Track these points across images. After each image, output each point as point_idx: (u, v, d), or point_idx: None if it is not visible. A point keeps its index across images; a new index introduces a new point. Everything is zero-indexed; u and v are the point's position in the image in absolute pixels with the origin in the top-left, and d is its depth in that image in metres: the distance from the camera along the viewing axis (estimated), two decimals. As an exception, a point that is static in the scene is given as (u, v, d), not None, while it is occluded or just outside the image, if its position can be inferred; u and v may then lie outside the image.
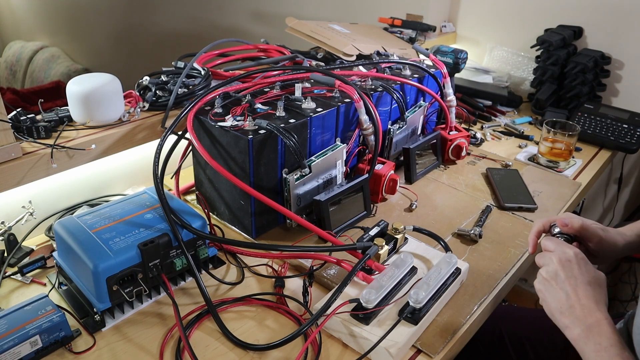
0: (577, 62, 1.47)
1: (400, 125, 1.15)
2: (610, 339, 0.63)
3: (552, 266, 0.71)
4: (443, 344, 0.74)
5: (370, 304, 0.73)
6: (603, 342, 0.63)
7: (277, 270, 0.87)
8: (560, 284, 0.69)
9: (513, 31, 1.70)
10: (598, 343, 0.63)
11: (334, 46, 1.30)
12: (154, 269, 0.77)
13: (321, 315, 0.72)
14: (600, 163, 1.31)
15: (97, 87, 0.94)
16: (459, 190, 1.14)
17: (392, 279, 0.77)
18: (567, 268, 0.69)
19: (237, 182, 0.84)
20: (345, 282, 0.76)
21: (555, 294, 0.69)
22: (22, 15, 3.85)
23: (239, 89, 1.02)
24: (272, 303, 0.81)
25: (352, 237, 0.94)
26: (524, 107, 1.64)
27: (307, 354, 0.72)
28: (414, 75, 1.21)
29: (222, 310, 0.79)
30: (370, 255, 0.80)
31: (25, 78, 3.65)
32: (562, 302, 0.68)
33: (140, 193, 0.89)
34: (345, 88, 0.99)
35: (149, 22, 2.85)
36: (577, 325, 0.65)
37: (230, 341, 0.73)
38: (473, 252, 0.93)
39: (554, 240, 0.75)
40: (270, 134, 0.88)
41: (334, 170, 1.01)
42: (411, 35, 1.66)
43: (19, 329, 0.67)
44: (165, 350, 0.72)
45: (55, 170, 0.90)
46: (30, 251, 0.90)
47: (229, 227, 0.99)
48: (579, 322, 0.65)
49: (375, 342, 0.69)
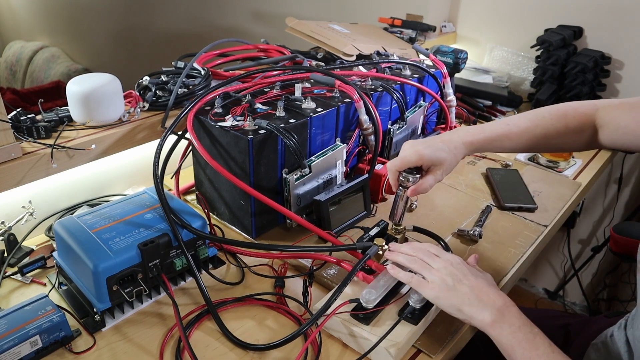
0: (577, 62, 1.47)
1: (400, 125, 1.15)
2: (521, 318, 0.67)
3: (445, 270, 0.72)
4: (443, 344, 0.74)
5: (370, 304, 0.73)
6: (516, 323, 0.66)
7: (277, 270, 0.87)
8: (459, 282, 0.70)
9: (513, 31, 1.70)
10: (512, 324, 0.66)
11: (334, 46, 1.30)
12: (154, 269, 0.77)
13: (321, 315, 0.72)
14: (600, 163, 1.31)
15: (97, 87, 0.94)
16: (459, 190, 1.14)
17: (392, 279, 0.77)
18: (459, 268, 0.73)
19: (237, 182, 0.84)
20: (345, 282, 0.76)
21: (458, 292, 0.70)
22: (22, 15, 3.85)
23: (239, 89, 1.02)
24: (272, 303, 0.81)
25: (352, 237, 0.94)
26: (524, 107, 1.63)
27: (307, 354, 0.72)
28: (414, 75, 1.21)
29: (222, 310, 0.79)
30: (371, 256, 0.80)
31: (25, 78, 3.64)
32: (467, 295, 0.69)
33: (140, 193, 0.89)
34: (345, 88, 0.99)
35: (149, 22, 2.85)
36: (487, 311, 0.67)
37: (230, 341, 0.73)
38: (473, 252, 0.93)
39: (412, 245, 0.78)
40: (270, 134, 0.88)
41: (334, 170, 1.01)
42: (411, 35, 1.66)
43: (19, 329, 0.67)
44: (165, 350, 0.72)
45: (55, 170, 0.90)
46: (30, 251, 0.90)
47: (229, 227, 0.99)
48: (489, 308, 0.68)
49: (375, 342, 0.69)
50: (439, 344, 0.74)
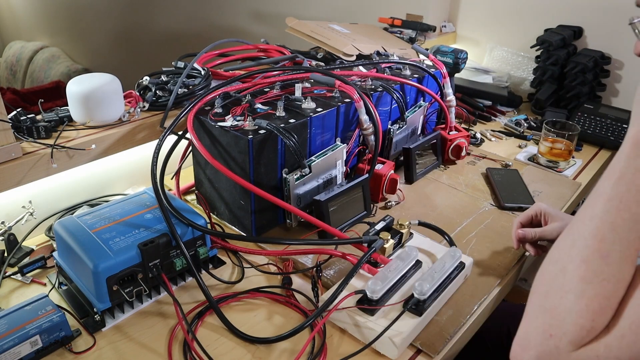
0: (577, 62, 1.47)
1: (400, 125, 1.15)
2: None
3: None
4: (443, 344, 0.74)
5: (376, 295, 0.73)
6: None
7: (281, 268, 0.87)
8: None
9: (513, 31, 1.70)
10: None
11: (334, 46, 1.30)
12: (154, 269, 0.77)
13: (328, 306, 0.73)
14: (600, 163, 1.31)
15: (97, 87, 0.94)
16: (459, 190, 1.14)
17: (396, 271, 0.78)
18: None
19: (237, 179, 0.84)
20: (352, 274, 0.77)
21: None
22: (22, 15, 3.85)
23: (239, 89, 1.02)
24: (281, 297, 0.81)
25: (358, 232, 0.95)
26: (524, 107, 1.64)
27: (314, 344, 0.72)
28: (414, 76, 1.21)
29: (224, 304, 0.79)
30: (376, 248, 0.81)
31: (26, 78, 3.65)
32: None
33: (140, 193, 0.89)
34: (345, 88, 0.99)
35: (149, 22, 2.85)
36: None
37: (236, 335, 0.74)
38: (473, 252, 0.93)
39: None
40: (270, 134, 0.88)
41: (334, 170, 1.01)
42: (411, 35, 1.66)
43: (19, 329, 0.67)
44: (172, 347, 0.72)
45: (55, 170, 0.90)
46: (30, 251, 0.90)
47: (229, 227, 0.99)
48: None
49: (379, 332, 0.70)
50: (439, 344, 0.74)
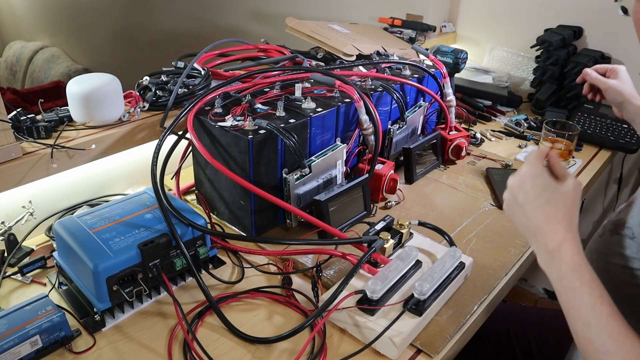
0: (577, 62, 1.47)
1: (400, 125, 1.15)
2: (570, 263, 0.62)
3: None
4: (443, 344, 0.74)
5: (376, 295, 0.73)
6: (563, 269, 0.62)
7: (281, 268, 0.87)
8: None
9: (513, 31, 1.70)
10: (559, 270, 0.63)
11: (334, 46, 1.30)
12: (154, 269, 0.77)
13: (328, 306, 0.73)
14: (600, 163, 1.31)
15: (97, 87, 0.94)
16: (459, 190, 1.14)
17: (396, 271, 0.78)
18: (522, 190, 0.68)
19: (237, 179, 0.84)
20: (352, 274, 0.77)
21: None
22: (22, 15, 3.85)
23: (239, 89, 1.02)
24: (281, 297, 0.81)
25: (358, 232, 0.95)
26: (524, 107, 1.64)
27: (315, 344, 0.72)
28: (414, 76, 1.21)
29: (224, 304, 0.79)
30: (376, 248, 0.81)
31: (26, 78, 3.65)
32: (525, 227, 0.67)
33: (140, 193, 0.89)
34: (345, 88, 0.99)
35: (149, 22, 2.85)
36: (541, 252, 0.65)
37: (236, 335, 0.74)
38: (473, 252, 0.93)
39: None
40: (270, 134, 0.88)
41: (334, 170, 1.01)
42: (411, 35, 1.66)
43: (19, 329, 0.67)
44: (172, 347, 0.72)
45: (55, 170, 0.90)
46: (30, 251, 0.90)
47: (229, 227, 0.99)
48: (542, 249, 0.65)
49: (379, 332, 0.70)
50: (439, 344, 0.74)
